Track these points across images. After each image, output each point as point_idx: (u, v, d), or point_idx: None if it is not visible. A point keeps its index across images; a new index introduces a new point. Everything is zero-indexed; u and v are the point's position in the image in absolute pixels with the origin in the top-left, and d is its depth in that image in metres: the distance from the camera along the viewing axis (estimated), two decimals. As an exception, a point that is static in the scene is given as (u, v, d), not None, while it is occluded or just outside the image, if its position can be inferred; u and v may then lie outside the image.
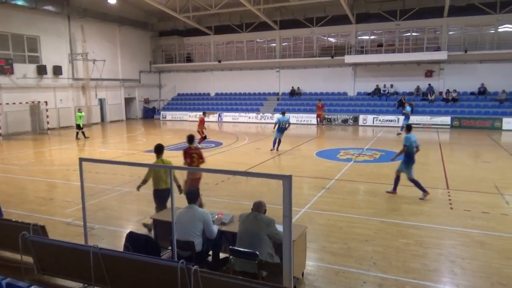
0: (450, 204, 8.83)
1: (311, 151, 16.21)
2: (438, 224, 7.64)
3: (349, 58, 28.51)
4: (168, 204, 6.47)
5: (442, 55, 25.96)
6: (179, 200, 5.99)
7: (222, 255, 5.54)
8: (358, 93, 30.04)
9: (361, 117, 27.01)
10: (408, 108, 21.44)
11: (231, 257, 4.98)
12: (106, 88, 31.35)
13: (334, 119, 27.91)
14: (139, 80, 34.90)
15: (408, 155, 9.47)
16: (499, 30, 26.35)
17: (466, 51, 26.13)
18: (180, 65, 35.96)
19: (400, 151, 9.70)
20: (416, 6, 27.32)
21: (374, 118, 26.32)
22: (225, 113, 31.55)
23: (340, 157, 14.90)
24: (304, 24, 30.91)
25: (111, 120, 31.79)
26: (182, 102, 35.57)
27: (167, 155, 7.70)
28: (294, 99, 31.44)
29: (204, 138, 17.63)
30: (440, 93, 27.39)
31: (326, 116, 27.43)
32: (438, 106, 26.36)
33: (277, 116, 28.65)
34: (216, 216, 5.73)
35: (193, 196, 5.37)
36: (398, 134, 20.96)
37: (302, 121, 28.38)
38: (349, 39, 30.10)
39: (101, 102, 31.22)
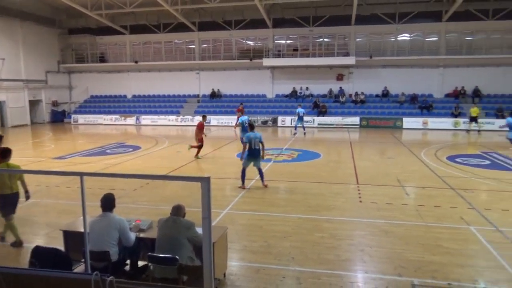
0: (360, 198, 9.57)
1: (232, 153, 16.37)
2: (350, 217, 8.24)
3: (267, 61, 29.36)
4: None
5: (350, 60, 28.03)
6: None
7: (141, 263, 5.35)
8: (277, 95, 31.07)
9: (280, 118, 27.97)
10: (301, 110, 22.64)
11: (150, 264, 4.84)
12: (7, 90, 28.31)
13: (254, 121, 28.49)
14: (46, 81, 32.06)
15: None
16: (398, 38, 29.22)
17: (371, 57, 28.53)
18: (93, 65, 33.85)
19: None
20: (327, 14, 29.12)
21: (291, 119, 27.39)
22: (143, 116, 30.43)
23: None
24: (223, 26, 31.12)
25: (13, 125, 28.76)
26: (96, 104, 33.53)
27: (80, 161, 7.21)
28: (215, 101, 31.48)
29: (200, 147, 15.00)
30: (350, 95, 29.52)
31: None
32: (348, 107, 28.36)
33: (198, 118, 28.37)
34: (133, 223, 5.51)
35: (107, 203, 5.09)
36: (295, 134, 22.29)
37: (223, 123, 28.52)
38: (266, 42, 31.01)
39: (0, 105, 28.11)
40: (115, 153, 16.55)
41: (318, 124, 27.20)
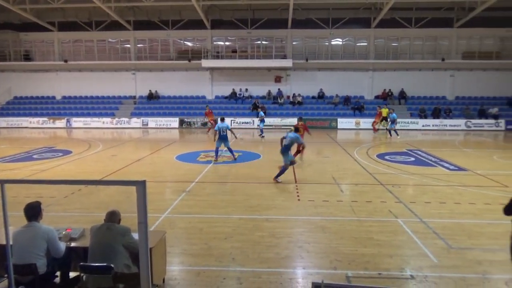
0: (298, 196, 9.87)
1: (171, 155, 16.04)
2: (289, 215, 8.46)
3: (205, 63, 29.21)
4: None
5: (288, 63, 28.83)
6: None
7: (72, 274, 5.05)
8: (216, 97, 31.01)
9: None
10: (261, 113, 23.10)
11: (82, 275, 4.58)
12: None
13: (193, 123, 28.18)
14: (-40, 81, 29.08)
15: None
16: (332, 42, 30.60)
17: (307, 60, 29.57)
18: (16, 63, 31.28)
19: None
20: (265, 17, 29.68)
21: (231, 120, 27.50)
22: (74, 118, 28.74)
23: (200, 159, 15.14)
24: (160, 26, 30.41)
25: None
26: (21, 106, 31.03)
27: (2, 167, 6.63)
28: (152, 102, 30.63)
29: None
30: (288, 97, 30.32)
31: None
32: (287, 108, 29.12)
33: (136, 120, 27.48)
34: (63, 232, 5.19)
35: (31, 212, 4.73)
36: (263, 137, 22.52)
37: (161, 125, 27.86)
38: (205, 43, 30.84)
39: None
40: (43, 158, 15.44)
41: (258, 125, 27.52)
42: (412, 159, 15.26)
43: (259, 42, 31.03)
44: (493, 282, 5.56)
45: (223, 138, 14.39)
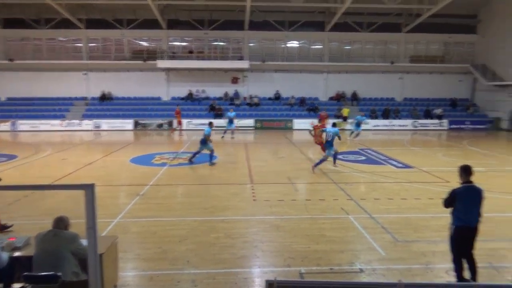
0: (254, 196, 9.97)
1: (125, 158, 15.62)
2: (244, 215, 8.53)
3: (161, 63, 28.69)
4: None
5: (244, 64, 28.98)
6: None
7: (17, 286, 4.80)
8: (172, 98, 30.54)
9: (176, 121, 27.47)
10: (232, 114, 22.88)
11: (27, 285, 4.38)
12: None
13: (148, 124, 27.58)
14: None
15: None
16: (288, 45, 31.13)
17: (264, 61, 29.87)
18: (-47, 62, 29.07)
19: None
20: (222, 18, 29.65)
21: (188, 122, 27.20)
22: (21, 121, 27.13)
23: (155, 162, 14.87)
24: (114, 25, 29.49)
25: None
26: (-41, 108, 28.87)
27: None
28: (105, 103, 29.61)
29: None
30: (245, 98, 30.48)
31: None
32: (244, 110, 29.23)
33: (87, 123, 26.47)
34: (5, 241, 4.92)
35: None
36: (232, 137, 22.42)
37: (115, 127, 27.00)
38: (161, 44, 30.30)
39: None
40: (-16, 163, 14.48)
41: (215, 126, 27.38)
42: (363, 158, 15.88)
43: (216, 43, 30.95)
44: (435, 271, 5.94)
45: (202, 143, 14.16)
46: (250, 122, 27.81)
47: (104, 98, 29.87)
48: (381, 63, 30.86)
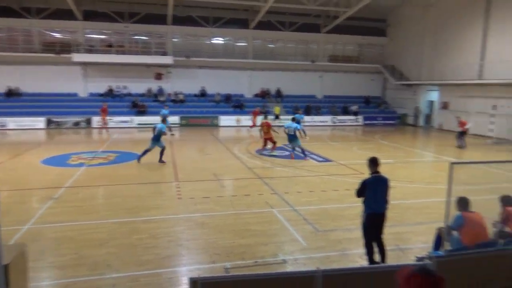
0: (179, 194, 9.82)
1: (36, 159, 14.35)
2: (169, 214, 8.36)
3: (77, 57, 26.81)
4: None
5: (168, 60, 28.25)
6: None
7: None
8: (90, 94, 28.73)
9: (95, 119, 25.95)
10: (166, 111, 22.08)
11: None
12: None
13: (63, 122, 25.65)
14: None
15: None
16: (212, 41, 31.01)
17: (188, 58, 29.40)
18: None
19: None
20: (143, 11, 28.55)
21: (109, 119, 25.79)
22: None
23: (71, 162, 13.90)
24: (21, 14, 26.80)
25: None
26: None
27: None
28: (13, 100, 26.86)
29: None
30: (169, 94, 29.75)
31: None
32: (168, 106, 28.49)
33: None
34: None
35: None
36: (172, 134, 21.56)
37: (24, 125, 24.66)
38: (76, 36, 28.30)
39: None
40: None
41: (138, 124, 26.45)
42: (287, 153, 16.44)
43: (137, 37, 29.72)
44: (350, 256, 6.39)
45: (154, 139, 13.59)
46: (175, 119, 27.17)
47: (11, 93, 27.08)
48: (302, 62, 32.15)
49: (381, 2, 28.42)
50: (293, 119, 15.69)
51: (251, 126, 25.43)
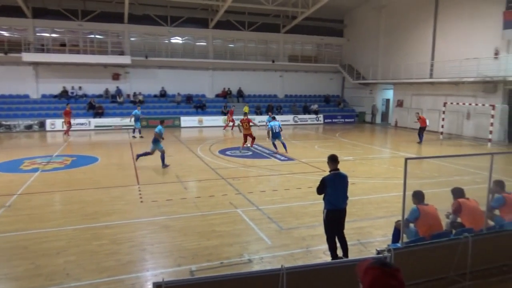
0: (141, 198, 9.60)
1: (-15, 165, 13.51)
2: (131, 218, 8.15)
3: (27, 56, 25.46)
4: None
5: (126, 59, 27.46)
6: None
7: None
8: (43, 96, 27.38)
9: (48, 121, 24.79)
10: (139, 112, 21.52)
11: None
12: None
13: (14, 126, 24.29)
14: None
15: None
16: (171, 41, 30.51)
17: (147, 57, 28.75)
18: None
19: None
20: (98, 9, 27.59)
21: (62, 122, 24.73)
22: None
23: (24, 168, 13.18)
24: (-39, 10, 25.10)
25: None
26: None
27: None
28: (-44, 103, 25.10)
29: None
30: (128, 95, 28.96)
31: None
32: (127, 108, 27.73)
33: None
34: None
35: None
36: (134, 137, 21.39)
37: (-29, 129, 23.12)
38: (26, 34, 26.85)
39: None
40: None
41: (95, 126, 25.56)
42: (250, 153, 16.53)
43: (92, 36, 28.66)
44: (314, 253, 6.53)
45: (154, 142, 13.14)
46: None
47: (-47, 96, 25.28)
48: (263, 62, 32.37)
49: (337, 3, 29.16)
50: (274, 118, 17.85)
51: (232, 127, 25.33)
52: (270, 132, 16.70)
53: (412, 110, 26.70)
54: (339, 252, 6.07)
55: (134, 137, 21.50)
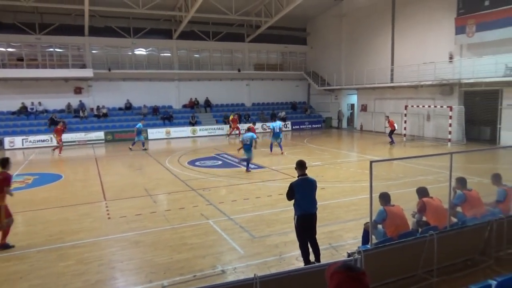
0: (108, 214, 9.32)
1: None
2: (98, 236, 7.89)
3: (-19, 72, 24.31)
4: None
5: (88, 73, 26.76)
6: None
7: None
8: (1, 113, 26.16)
9: (7, 139, 23.65)
10: (140, 125, 21.13)
11: None
12: None
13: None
14: None
15: None
16: (135, 52, 30.05)
17: (110, 70, 28.15)
18: None
19: None
20: (56, 22, 26.82)
21: (23, 139, 23.73)
22: None
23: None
24: None
25: None
26: None
27: None
28: None
29: None
30: (92, 109, 28.19)
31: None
32: (91, 122, 27.01)
33: None
34: None
35: None
36: (144, 149, 20.93)
37: None
38: (-21, 49, 25.65)
39: None
40: None
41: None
42: (220, 162, 16.47)
43: (51, 49, 27.76)
44: (287, 260, 6.56)
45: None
46: (99, 134, 25.82)
47: None
48: (229, 71, 32.49)
49: (300, 12, 29.76)
50: (274, 119, 19.35)
51: (238, 134, 25.34)
52: (272, 132, 18.24)
53: (376, 114, 27.56)
54: (312, 257, 6.13)
55: (145, 149, 21.06)
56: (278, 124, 18.40)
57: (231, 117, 27.39)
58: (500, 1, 18.38)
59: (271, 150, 18.34)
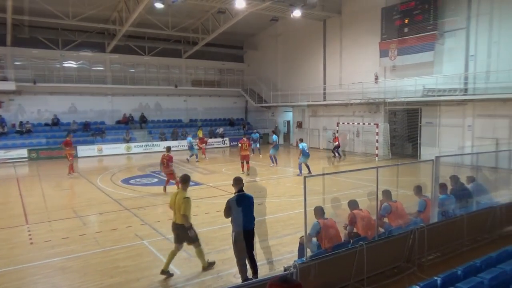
0: (30, 239, 8.57)
1: None
2: (18, 264, 7.20)
3: None
4: None
5: (10, 85, 24.81)
6: None
7: None
8: None
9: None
10: (190, 139, 21.02)
11: None
12: None
13: None
14: None
15: None
16: (64, 65, 28.44)
17: (35, 83, 26.31)
18: None
19: None
20: (-28, 30, 24.59)
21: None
22: None
23: None
24: None
25: None
26: None
27: None
28: None
29: None
30: (13, 125, 26.00)
31: None
32: (12, 138, 24.85)
33: None
34: None
35: None
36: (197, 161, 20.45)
37: None
38: None
39: None
40: None
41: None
42: (156, 180, 15.97)
43: (-34, 60, 25.38)
44: (225, 277, 6.49)
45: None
46: (22, 152, 23.80)
47: None
48: (165, 86, 31.95)
49: (237, 30, 30.32)
50: (302, 140, 17.50)
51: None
52: (301, 152, 16.57)
53: (310, 130, 28.65)
54: (249, 273, 6.13)
55: (197, 161, 21.79)
56: (305, 145, 16.95)
57: (199, 134, 26.69)
58: (417, 28, 20.30)
59: (300, 172, 16.69)
